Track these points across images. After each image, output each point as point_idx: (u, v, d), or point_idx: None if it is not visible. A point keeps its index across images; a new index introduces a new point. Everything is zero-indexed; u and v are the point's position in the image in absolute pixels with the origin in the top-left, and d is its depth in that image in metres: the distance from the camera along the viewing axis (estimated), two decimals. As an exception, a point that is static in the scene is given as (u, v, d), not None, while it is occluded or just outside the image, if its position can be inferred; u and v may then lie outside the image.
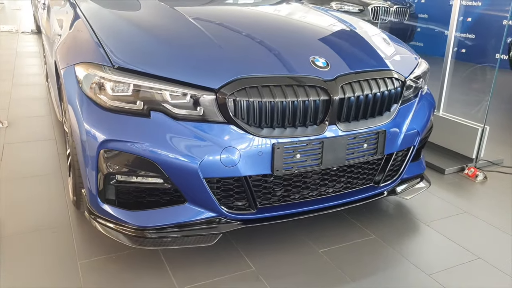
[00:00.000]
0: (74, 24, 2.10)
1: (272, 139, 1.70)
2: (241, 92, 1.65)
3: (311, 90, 1.75)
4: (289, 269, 1.85)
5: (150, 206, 1.74)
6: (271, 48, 1.92)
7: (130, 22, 1.98)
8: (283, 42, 2.00)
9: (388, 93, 1.94)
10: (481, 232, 2.22)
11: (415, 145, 2.12)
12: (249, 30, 2.09)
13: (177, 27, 2.00)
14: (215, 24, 2.12)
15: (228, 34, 2.00)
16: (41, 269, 1.78)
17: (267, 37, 2.02)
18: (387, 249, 2.02)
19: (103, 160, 1.66)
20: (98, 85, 1.66)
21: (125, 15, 2.15)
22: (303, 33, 2.15)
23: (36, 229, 2.03)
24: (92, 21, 1.98)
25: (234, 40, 1.95)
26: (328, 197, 1.96)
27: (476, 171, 2.87)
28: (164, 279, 1.75)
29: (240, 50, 1.86)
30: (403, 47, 2.37)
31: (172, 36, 1.90)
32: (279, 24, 2.26)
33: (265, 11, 2.68)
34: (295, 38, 2.06)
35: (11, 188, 2.41)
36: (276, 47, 1.93)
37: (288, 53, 1.89)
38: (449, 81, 3.18)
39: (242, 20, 2.28)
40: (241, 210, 1.79)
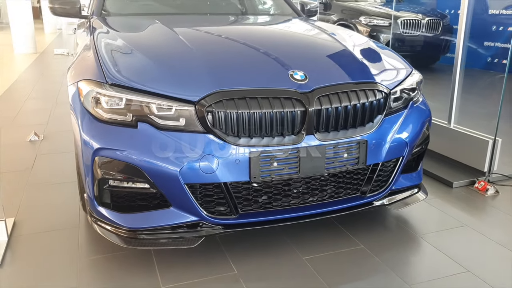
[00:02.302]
0: (86, 46, 2.34)
1: (249, 148, 1.81)
2: (219, 104, 1.79)
3: (286, 102, 1.85)
4: (269, 274, 1.93)
5: (140, 210, 1.90)
6: (254, 63, 2.05)
7: (129, 43, 2.18)
8: (267, 57, 2.12)
9: (369, 104, 1.99)
10: (477, 246, 2.18)
11: (404, 156, 2.14)
12: (238, 47, 2.24)
13: (169, 47, 2.18)
14: (206, 43, 2.29)
15: (216, 52, 2.15)
16: (45, 265, 1.98)
17: (253, 54, 2.16)
18: (373, 259, 2.04)
19: (97, 166, 1.84)
20: (95, 100, 1.86)
21: (126, 37, 2.36)
22: (288, 48, 2.26)
23: (48, 230, 2.26)
24: (98, 43, 2.21)
25: (220, 57, 2.09)
26: (312, 205, 2.03)
27: (486, 184, 2.80)
28: (151, 278, 1.89)
29: (223, 66, 2.00)
30: (394, 59, 2.41)
31: (163, 54, 2.08)
32: (270, 40, 2.39)
33: (260, 29, 2.82)
34: (280, 53, 2.18)
35: (36, 193, 2.68)
36: (259, 62, 2.06)
37: (269, 67, 2.02)
38: (459, 92, 3.14)
39: (235, 38, 2.43)
40: (222, 215, 1.90)
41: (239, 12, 3.50)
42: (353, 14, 7.72)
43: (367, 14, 7.25)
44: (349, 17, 7.77)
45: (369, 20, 7.17)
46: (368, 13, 7.42)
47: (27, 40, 9.56)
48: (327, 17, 8.22)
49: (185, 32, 2.40)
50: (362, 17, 7.24)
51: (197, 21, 2.92)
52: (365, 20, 7.19)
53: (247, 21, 3.10)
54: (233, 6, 3.62)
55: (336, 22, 8.00)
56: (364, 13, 7.46)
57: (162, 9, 3.34)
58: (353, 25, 7.62)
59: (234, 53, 2.18)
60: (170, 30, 2.35)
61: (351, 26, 7.64)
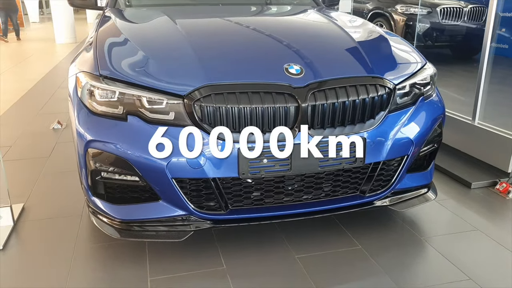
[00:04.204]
0: (91, 38, 2.37)
1: (238, 144, 1.77)
2: (207, 99, 1.76)
3: (278, 97, 1.78)
4: (258, 271, 1.90)
5: (132, 202, 1.92)
6: (249, 56, 2.00)
7: (128, 36, 2.17)
8: (264, 50, 2.06)
9: (370, 100, 1.89)
10: (486, 253, 2.04)
11: (409, 155, 2.03)
12: (236, 40, 2.18)
13: (166, 40, 2.15)
14: (205, 35, 2.24)
15: (212, 45, 2.10)
16: (43, 250, 2.05)
17: (250, 47, 2.10)
18: (368, 261, 1.96)
19: (90, 158, 1.87)
20: (90, 92, 1.88)
21: (127, 29, 2.34)
22: (289, 41, 2.17)
23: (53, 216, 2.33)
24: (99, 35, 2.23)
25: (215, 50, 2.05)
26: (307, 203, 1.97)
27: (508, 186, 2.62)
28: (140, 269, 1.91)
29: (216, 59, 1.95)
30: (405, 51, 2.27)
31: (158, 47, 2.06)
32: (271, 32, 2.30)
33: (264, 20, 2.72)
34: (278, 45, 2.11)
35: (49, 180, 2.78)
36: (255, 55, 2.00)
37: (264, 60, 1.96)
38: (485, 87, 2.94)
39: (235, 30, 2.38)
40: (212, 210, 1.88)
41: (262, 2, 3.40)
42: (390, 2, 7.42)
43: (404, 2, 6.93)
44: (385, 5, 7.48)
45: (406, 9, 6.85)
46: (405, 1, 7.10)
47: (68, 30, 9.92)
48: (362, 6, 7.95)
49: (186, 24, 2.37)
50: (398, 5, 6.93)
51: (205, 12, 2.88)
52: (401, 8, 6.88)
53: (256, 12, 3.01)
54: None
55: (372, 10, 7.73)
56: (400, 1, 7.15)
57: (178, 0, 3.32)
58: (388, 14, 7.33)
59: (230, 46, 2.13)
60: (171, 22, 2.32)
61: (386, 15, 7.36)
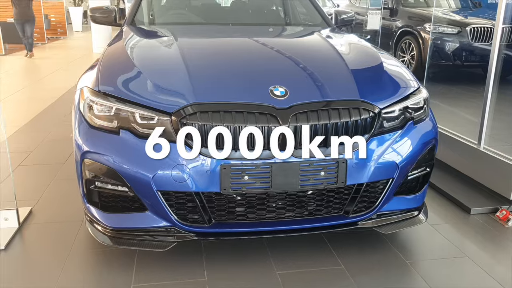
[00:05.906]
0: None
1: (220, 160, 1.85)
2: (193, 117, 1.86)
3: (261, 117, 1.86)
4: (237, 284, 1.96)
5: (122, 211, 2.03)
6: (238, 77, 2.10)
7: (130, 53, 2.32)
8: (253, 71, 2.15)
9: (353, 123, 1.94)
10: (469, 281, 2.01)
11: (395, 177, 2.05)
12: (229, 61, 2.29)
13: (164, 59, 2.28)
14: (200, 55, 2.35)
15: (205, 64, 2.21)
16: (41, 253, 2.19)
17: (241, 67, 2.20)
18: (347, 281, 1.98)
19: (86, 167, 2.01)
20: (89, 106, 2.03)
21: (132, 47, 2.50)
22: (279, 62, 2.25)
23: (58, 221, 2.49)
24: (106, 51, 2.39)
25: (207, 70, 2.15)
26: (290, 221, 2.02)
27: (508, 214, 2.56)
28: (126, 276, 2.01)
29: (206, 79, 2.05)
30: (399, 75, 2.29)
31: (155, 68, 2.19)
32: (264, 54, 2.39)
33: (263, 41, 2.77)
34: (268, 67, 2.19)
35: (59, 186, 2.96)
36: (244, 76, 2.10)
37: (250, 82, 2.05)
38: (491, 111, 2.89)
39: (230, 51, 2.47)
40: (195, 223, 1.97)
41: (271, 23, 3.50)
42: (419, 20, 7.36)
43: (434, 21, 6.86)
44: (414, 24, 7.42)
45: (434, 28, 6.77)
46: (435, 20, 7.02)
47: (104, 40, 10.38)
48: (391, 23, 7.91)
49: (186, 44, 2.48)
50: (427, 24, 6.87)
51: (210, 32, 3.00)
52: (429, 27, 6.81)
53: (259, 33, 3.07)
54: (271, 16, 3.63)
55: (400, 28, 7.68)
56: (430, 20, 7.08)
57: (193, 19, 3.47)
58: (417, 32, 7.27)
59: (222, 66, 2.23)
60: (173, 41, 2.46)
61: (415, 33, 7.29)
